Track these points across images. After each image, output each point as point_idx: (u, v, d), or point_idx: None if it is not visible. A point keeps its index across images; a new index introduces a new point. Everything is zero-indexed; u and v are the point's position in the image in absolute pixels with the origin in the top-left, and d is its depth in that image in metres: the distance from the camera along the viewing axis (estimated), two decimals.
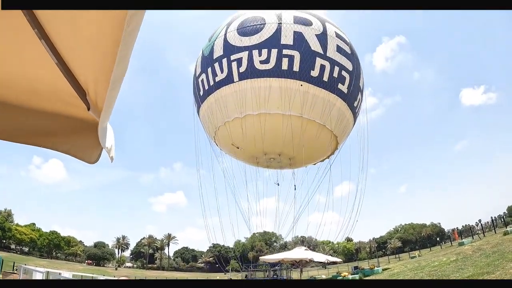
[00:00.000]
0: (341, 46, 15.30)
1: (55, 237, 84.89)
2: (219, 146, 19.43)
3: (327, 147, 17.12)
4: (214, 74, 15.61)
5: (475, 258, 15.06)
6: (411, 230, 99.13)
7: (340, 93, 15.24)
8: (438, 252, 32.95)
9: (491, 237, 22.25)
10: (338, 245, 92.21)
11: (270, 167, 19.50)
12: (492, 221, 36.53)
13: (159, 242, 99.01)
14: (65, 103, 2.33)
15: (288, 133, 14.95)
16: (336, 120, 15.82)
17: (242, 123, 15.52)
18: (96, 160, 2.70)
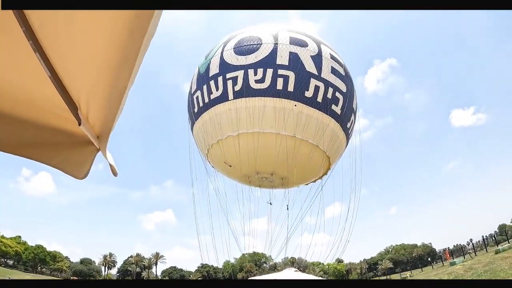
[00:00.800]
0: (336, 68, 15.52)
1: (40, 252, 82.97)
2: (211, 164, 19.38)
3: (319, 167, 17.16)
4: (209, 91, 15.75)
5: (466, 277, 14.95)
6: (402, 250, 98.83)
7: (333, 114, 15.41)
8: (429, 272, 32.78)
9: (482, 256, 22.21)
10: (329, 266, 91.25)
11: (262, 186, 19.41)
12: (484, 240, 36.51)
13: (147, 261, 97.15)
14: (56, 116, 2.31)
15: (281, 153, 15.00)
16: (329, 141, 15.91)
17: (235, 142, 15.52)
18: (84, 176, 2.67)
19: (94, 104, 2.11)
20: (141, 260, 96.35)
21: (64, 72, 1.89)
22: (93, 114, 2.18)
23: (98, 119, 2.23)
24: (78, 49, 1.80)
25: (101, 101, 2.08)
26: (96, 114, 2.19)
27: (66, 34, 1.73)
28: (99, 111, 2.17)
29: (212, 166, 19.72)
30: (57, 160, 2.62)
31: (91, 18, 1.63)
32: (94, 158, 2.64)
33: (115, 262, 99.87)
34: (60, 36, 1.74)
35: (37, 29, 1.67)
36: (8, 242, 75.03)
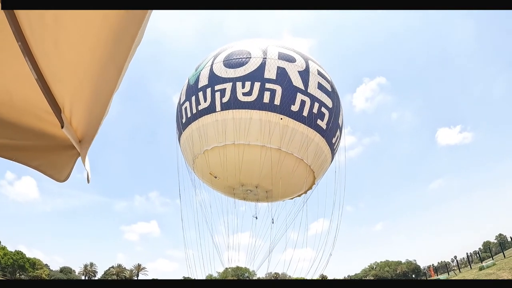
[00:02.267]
0: (322, 84, 15.81)
1: (20, 258, 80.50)
2: (197, 175, 19.37)
3: (304, 181, 17.21)
4: (197, 102, 15.93)
5: None
6: (387, 267, 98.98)
7: (319, 129, 15.64)
8: None
9: (467, 273, 22.36)
10: None
11: (247, 199, 19.46)
12: (468, 257, 36.74)
13: (128, 272, 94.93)
14: (39, 119, 2.33)
15: (266, 165, 15.18)
16: (313, 155, 16.13)
17: (220, 153, 15.66)
18: (65, 179, 2.70)
19: (77, 107, 2.13)
20: (122, 271, 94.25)
21: (50, 74, 1.91)
22: (76, 118, 2.19)
23: (81, 123, 2.24)
24: (65, 52, 1.83)
25: (85, 105, 2.10)
26: (79, 118, 2.21)
27: (53, 36, 1.75)
28: (82, 115, 2.19)
29: (198, 177, 19.66)
30: (38, 162, 2.63)
31: (79, 21, 1.67)
32: (75, 162, 2.67)
33: (95, 272, 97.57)
34: (48, 38, 1.75)
35: (26, 30, 1.69)
36: None
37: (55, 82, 1.97)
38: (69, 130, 2.15)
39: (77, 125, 2.22)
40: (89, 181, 2.43)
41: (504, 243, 35.67)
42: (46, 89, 1.95)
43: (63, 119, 2.09)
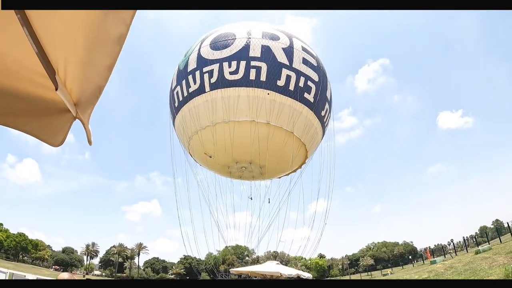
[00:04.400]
0: (307, 59, 16.32)
1: (22, 240, 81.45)
2: (193, 156, 20.04)
3: (295, 154, 17.74)
4: (188, 85, 16.58)
5: (447, 275, 15.06)
6: (384, 248, 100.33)
7: (306, 102, 16.20)
8: (410, 270, 33.13)
9: (463, 256, 22.48)
10: (311, 261, 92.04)
11: (243, 177, 20.02)
12: (464, 241, 37.04)
13: (129, 251, 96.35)
14: (33, 83, 2.30)
15: (256, 140, 15.80)
16: (303, 127, 16.74)
17: (212, 131, 16.37)
18: (60, 143, 2.68)
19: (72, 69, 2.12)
20: (123, 250, 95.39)
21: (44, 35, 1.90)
22: (70, 79, 2.18)
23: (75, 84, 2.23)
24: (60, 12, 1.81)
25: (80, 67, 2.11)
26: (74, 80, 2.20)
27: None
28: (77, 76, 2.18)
29: (194, 159, 20.38)
30: (32, 127, 2.61)
31: None
32: (71, 126, 2.65)
33: (97, 252, 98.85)
34: None
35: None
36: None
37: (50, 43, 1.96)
38: (63, 92, 2.15)
39: (71, 87, 2.22)
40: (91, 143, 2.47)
41: (500, 228, 35.91)
42: (41, 51, 1.94)
43: (57, 81, 2.08)
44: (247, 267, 26.21)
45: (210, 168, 20.71)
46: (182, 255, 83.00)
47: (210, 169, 20.88)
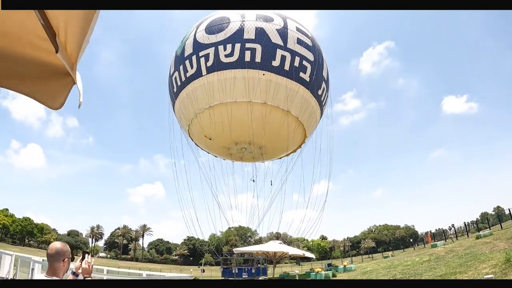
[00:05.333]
0: (302, 39, 16.52)
1: (28, 224, 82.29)
2: (194, 140, 20.40)
3: (293, 133, 18.09)
4: (185, 70, 16.93)
5: (447, 259, 15.16)
6: (385, 231, 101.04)
7: (302, 81, 16.47)
8: (411, 253, 33.45)
9: (463, 241, 22.58)
10: (313, 242, 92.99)
11: (244, 159, 20.38)
12: (465, 226, 37.10)
13: (134, 233, 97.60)
14: (34, 46, 2.28)
15: (254, 120, 16.18)
16: (300, 106, 17.04)
17: (211, 114, 16.73)
18: (59, 106, 2.65)
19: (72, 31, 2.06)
20: (128, 232, 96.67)
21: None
22: (71, 42, 2.13)
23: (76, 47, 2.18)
24: None
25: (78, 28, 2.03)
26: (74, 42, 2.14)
27: None
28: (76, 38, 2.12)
29: (195, 143, 20.79)
30: (31, 90, 2.60)
31: None
32: (70, 90, 2.63)
33: (102, 234, 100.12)
34: None
35: None
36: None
37: None
38: (64, 55, 2.11)
39: (72, 49, 2.17)
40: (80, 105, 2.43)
41: (501, 215, 35.87)
42: (41, 12, 1.88)
43: (58, 43, 2.04)
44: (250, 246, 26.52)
45: (211, 151, 21.11)
46: (186, 236, 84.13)
47: (211, 152, 21.29)
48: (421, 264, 15.71)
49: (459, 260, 13.87)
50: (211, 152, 21.45)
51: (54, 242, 2.79)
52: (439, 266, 13.98)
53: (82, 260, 2.82)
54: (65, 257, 2.69)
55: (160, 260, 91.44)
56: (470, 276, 10.86)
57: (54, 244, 2.73)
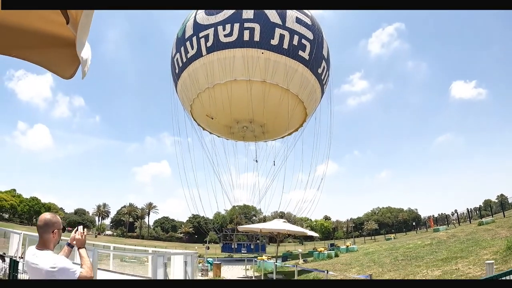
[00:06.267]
0: (301, 18, 16.77)
1: (35, 204, 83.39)
2: (196, 120, 20.86)
3: (293, 111, 18.39)
4: (186, 51, 17.31)
5: (449, 243, 15.32)
6: (388, 213, 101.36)
7: (301, 60, 16.72)
8: (413, 236, 33.79)
9: (465, 226, 22.71)
10: (316, 222, 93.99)
11: (246, 138, 20.90)
12: (468, 212, 37.16)
13: (140, 211, 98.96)
14: (45, 18, 2.23)
15: (254, 98, 16.48)
16: (299, 84, 17.30)
17: (211, 93, 17.12)
18: (71, 76, 2.62)
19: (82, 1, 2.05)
20: (134, 210, 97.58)
21: None
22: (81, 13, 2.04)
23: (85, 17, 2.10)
24: None
25: None
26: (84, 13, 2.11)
27: None
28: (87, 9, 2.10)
29: (198, 123, 21.21)
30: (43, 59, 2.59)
31: None
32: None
33: (108, 212, 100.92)
34: None
35: None
36: (3, 196, 75.00)
37: None
38: (75, 27, 2.06)
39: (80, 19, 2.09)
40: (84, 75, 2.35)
41: (504, 204, 35.81)
42: None
43: (69, 15, 2.02)
44: (254, 224, 26.97)
45: (213, 130, 21.51)
46: (191, 214, 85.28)
47: (213, 131, 21.69)
48: (423, 247, 15.91)
49: (461, 245, 14.01)
50: (213, 132, 21.79)
51: (43, 213, 2.65)
52: (441, 250, 14.14)
53: (76, 232, 2.74)
54: (54, 228, 2.56)
55: (165, 238, 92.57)
56: (471, 261, 10.99)
57: (43, 215, 2.61)
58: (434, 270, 11.08)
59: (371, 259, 16.28)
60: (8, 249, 12.99)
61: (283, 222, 20.30)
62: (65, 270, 2.38)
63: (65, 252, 2.69)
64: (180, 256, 11.34)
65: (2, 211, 77.03)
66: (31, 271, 2.47)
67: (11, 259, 5.00)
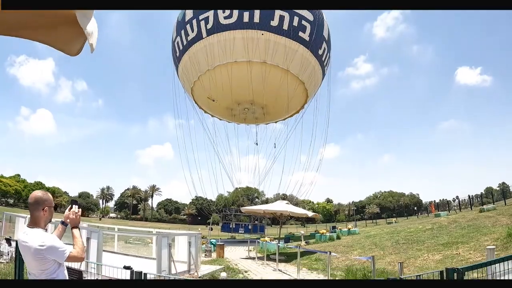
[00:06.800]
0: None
1: (39, 188, 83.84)
2: (198, 103, 20.96)
3: (294, 92, 18.46)
4: (186, 34, 17.41)
5: (450, 228, 15.39)
6: (390, 197, 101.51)
7: (301, 41, 16.79)
8: (414, 220, 33.99)
9: (467, 213, 22.78)
10: (318, 205, 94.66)
11: (247, 120, 21.04)
12: (470, 199, 37.12)
13: (143, 193, 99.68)
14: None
15: (254, 79, 16.59)
16: (300, 65, 17.37)
17: (212, 75, 17.25)
18: (77, 52, 2.61)
19: None
20: (137, 192, 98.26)
21: None
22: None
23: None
24: None
25: None
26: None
27: None
28: None
29: (199, 106, 21.28)
30: (48, 38, 2.57)
31: None
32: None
33: (112, 195, 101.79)
34: None
35: None
36: (7, 181, 75.55)
37: None
38: None
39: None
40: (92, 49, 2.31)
41: (506, 192, 35.73)
42: None
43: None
44: (257, 206, 27.22)
45: (215, 113, 21.65)
46: (194, 196, 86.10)
47: (215, 114, 21.83)
48: (424, 231, 16.00)
49: (462, 231, 14.08)
50: (215, 115, 21.95)
51: (34, 191, 2.59)
52: (442, 235, 14.23)
53: (70, 210, 2.67)
54: (45, 205, 2.49)
55: (168, 220, 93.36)
56: (472, 247, 11.09)
57: (33, 193, 2.56)
58: (435, 254, 11.22)
59: (372, 242, 16.46)
60: (14, 233, 13.22)
61: (286, 204, 20.48)
62: (53, 248, 2.33)
63: (59, 230, 2.64)
64: (184, 237, 11.51)
65: (7, 197, 77.65)
66: (22, 249, 2.41)
67: (16, 241, 5.10)
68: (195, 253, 10.71)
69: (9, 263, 8.01)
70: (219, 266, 12.49)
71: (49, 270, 2.38)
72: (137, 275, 4.23)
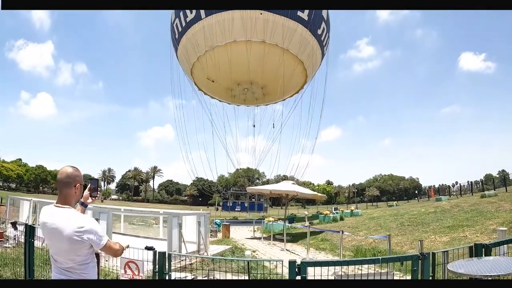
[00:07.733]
0: None
1: (41, 172, 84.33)
2: (197, 85, 21.04)
3: (293, 72, 18.51)
4: (185, 16, 17.48)
5: (453, 212, 15.40)
6: (390, 181, 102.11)
7: (300, 20, 16.91)
8: (415, 204, 34.13)
9: (468, 198, 22.83)
10: (318, 187, 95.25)
11: (247, 101, 21.16)
12: (470, 185, 37.19)
13: (144, 175, 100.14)
14: None
15: (254, 59, 16.79)
16: (298, 45, 17.46)
17: (211, 55, 17.37)
18: None
19: None
20: (139, 174, 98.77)
21: None
22: None
23: None
24: None
25: None
26: None
27: None
28: None
29: (199, 88, 21.38)
30: None
31: None
32: None
33: (114, 177, 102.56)
34: None
35: None
36: (9, 166, 76.11)
37: None
38: None
39: None
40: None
41: (505, 179, 35.88)
42: None
43: None
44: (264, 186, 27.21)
45: (215, 95, 21.79)
46: (195, 177, 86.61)
47: (215, 96, 21.96)
48: (427, 214, 16.00)
49: (465, 215, 14.10)
50: (215, 96, 22.08)
51: (64, 167, 2.28)
52: (446, 218, 14.23)
53: (90, 190, 2.39)
54: (76, 182, 2.22)
55: (170, 201, 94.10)
56: (478, 230, 11.09)
57: (64, 168, 2.25)
58: (442, 236, 11.30)
59: (377, 223, 16.52)
60: (18, 217, 13.20)
61: (292, 184, 20.46)
62: (93, 232, 2.05)
63: (79, 211, 2.29)
64: (193, 217, 11.55)
65: (9, 181, 78.06)
66: (50, 233, 2.09)
67: (26, 225, 5.08)
68: (204, 233, 10.76)
69: (16, 247, 7.88)
70: (227, 246, 12.65)
71: (83, 257, 2.10)
72: (160, 255, 4.18)
